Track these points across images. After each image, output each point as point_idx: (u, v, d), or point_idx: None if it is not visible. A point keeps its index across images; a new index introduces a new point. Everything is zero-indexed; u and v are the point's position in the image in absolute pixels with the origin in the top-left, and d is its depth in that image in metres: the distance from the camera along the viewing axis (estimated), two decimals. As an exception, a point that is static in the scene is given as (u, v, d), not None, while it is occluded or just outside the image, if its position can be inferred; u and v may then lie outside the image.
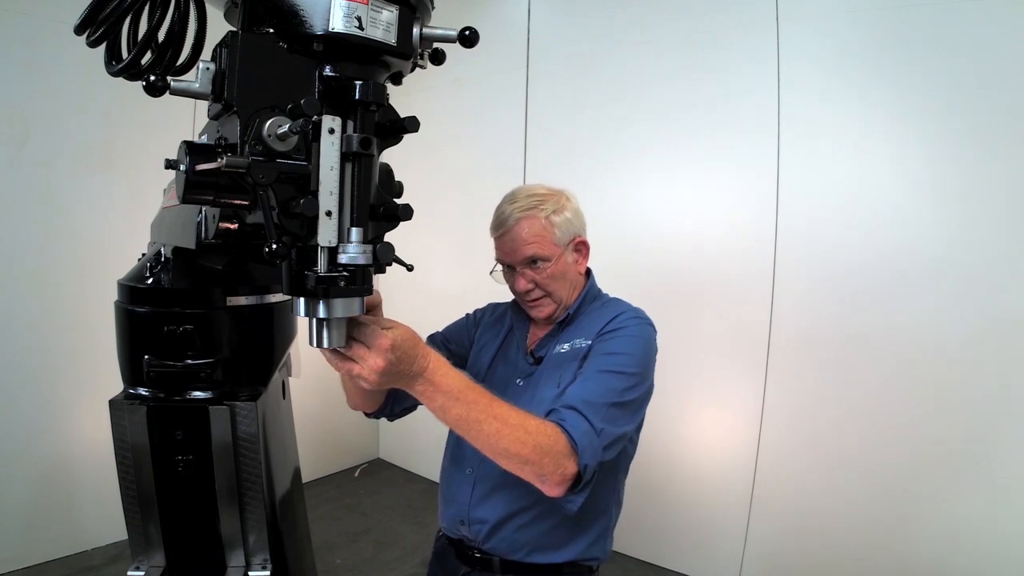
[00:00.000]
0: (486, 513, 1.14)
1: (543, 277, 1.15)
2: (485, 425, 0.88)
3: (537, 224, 1.14)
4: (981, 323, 1.84)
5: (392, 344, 0.78)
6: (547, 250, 1.14)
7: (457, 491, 1.19)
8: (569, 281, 1.18)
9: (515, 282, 1.17)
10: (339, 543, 2.76)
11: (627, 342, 1.09)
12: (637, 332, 1.11)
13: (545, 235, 1.14)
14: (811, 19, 2.14)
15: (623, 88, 2.59)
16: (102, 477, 1.83)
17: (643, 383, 1.07)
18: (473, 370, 1.24)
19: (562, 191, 1.21)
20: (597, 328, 1.12)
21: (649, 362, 1.10)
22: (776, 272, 2.20)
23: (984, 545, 1.83)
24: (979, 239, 1.84)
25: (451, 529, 1.21)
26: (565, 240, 1.16)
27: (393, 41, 0.71)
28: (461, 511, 1.17)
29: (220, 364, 0.97)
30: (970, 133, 1.85)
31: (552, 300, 1.17)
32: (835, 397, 2.11)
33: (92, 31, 0.76)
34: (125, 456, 0.96)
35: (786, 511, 2.23)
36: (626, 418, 1.03)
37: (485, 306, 1.40)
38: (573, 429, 0.94)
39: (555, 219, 1.15)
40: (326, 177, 0.67)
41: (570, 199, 1.21)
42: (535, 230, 1.14)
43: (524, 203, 1.16)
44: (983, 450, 1.84)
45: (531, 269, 1.15)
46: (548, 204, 1.16)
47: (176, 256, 1.01)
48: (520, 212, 1.15)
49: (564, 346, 1.15)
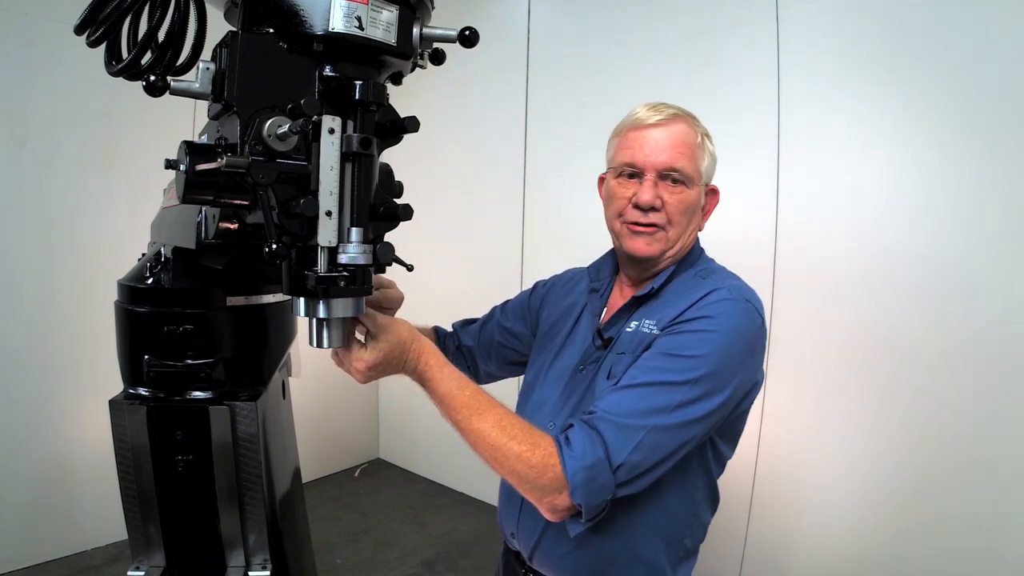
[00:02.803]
0: (529, 525, 0.97)
1: (677, 201, 0.91)
2: (466, 436, 0.82)
3: (692, 135, 0.93)
4: (983, 323, 1.84)
5: (372, 363, 0.78)
6: (693, 170, 0.92)
7: (509, 495, 1.04)
8: (693, 225, 0.96)
9: (640, 192, 0.92)
10: (339, 543, 2.76)
11: (700, 339, 0.83)
12: (723, 325, 0.84)
13: (697, 153, 0.93)
14: (811, 18, 2.14)
15: (623, 88, 2.59)
16: (102, 477, 1.83)
17: (715, 394, 0.82)
18: (543, 353, 1.07)
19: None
20: (678, 310, 0.88)
21: (733, 364, 0.84)
22: (776, 272, 2.20)
23: (985, 546, 1.83)
24: (980, 238, 1.84)
25: (507, 539, 1.09)
26: (707, 175, 0.96)
27: (393, 41, 0.71)
28: (510, 521, 1.04)
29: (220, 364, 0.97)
30: (971, 132, 1.84)
31: (667, 236, 0.93)
32: (835, 397, 2.11)
33: (92, 31, 0.76)
34: (125, 456, 0.96)
35: (786, 511, 2.23)
36: (677, 439, 0.82)
37: (546, 280, 1.19)
38: (572, 460, 0.78)
39: (707, 143, 0.96)
40: (326, 177, 0.67)
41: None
42: (691, 140, 0.92)
43: (678, 110, 0.95)
44: (985, 451, 1.83)
45: (667, 186, 0.92)
46: (703, 126, 0.97)
47: (176, 256, 1.01)
48: (681, 111, 0.95)
49: (632, 324, 0.93)
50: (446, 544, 2.72)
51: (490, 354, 1.20)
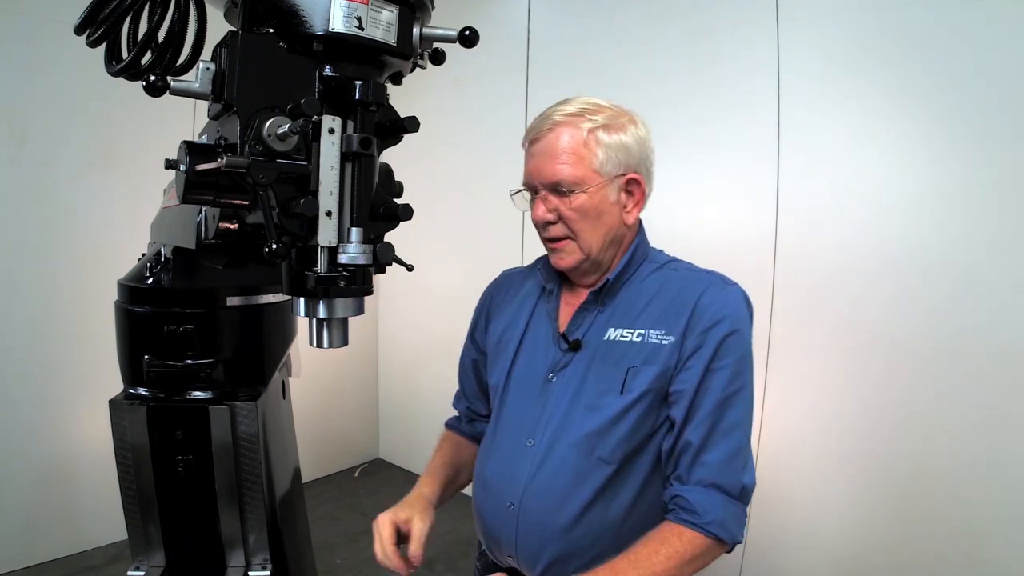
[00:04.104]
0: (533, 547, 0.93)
1: (569, 209, 0.88)
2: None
3: (577, 137, 0.87)
4: (983, 322, 1.83)
5: None
6: (581, 173, 0.87)
7: (495, 521, 1.01)
8: (605, 226, 0.90)
9: (534, 209, 0.91)
10: (339, 543, 2.76)
11: (743, 367, 0.88)
12: (748, 347, 0.88)
13: (583, 154, 0.87)
14: (811, 16, 2.13)
15: (623, 88, 2.59)
16: (102, 477, 1.83)
17: (751, 375, 0.90)
18: (497, 368, 1.02)
19: (631, 112, 0.94)
20: (679, 315, 0.87)
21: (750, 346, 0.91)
22: (776, 271, 2.20)
23: (986, 546, 1.83)
24: (981, 237, 1.84)
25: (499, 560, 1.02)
26: (611, 169, 0.88)
27: (393, 41, 0.71)
28: (507, 545, 0.98)
29: (220, 364, 0.97)
30: (972, 131, 1.84)
31: (578, 247, 0.90)
32: (836, 397, 2.11)
33: (92, 31, 0.76)
34: (125, 456, 0.96)
35: (786, 511, 2.23)
36: (749, 443, 0.90)
37: (493, 281, 1.15)
38: (710, 525, 0.80)
39: (603, 136, 0.88)
40: (326, 177, 0.67)
41: (637, 124, 0.93)
42: (571, 144, 0.87)
43: (572, 108, 0.90)
44: (985, 450, 1.83)
45: (557, 196, 0.89)
46: (601, 116, 0.89)
47: (176, 256, 1.01)
48: (562, 116, 0.89)
49: (626, 333, 0.89)
50: (446, 544, 2.71)
51: (486, 398, 1.15)
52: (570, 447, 0.89)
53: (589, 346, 0.92)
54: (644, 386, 0.87)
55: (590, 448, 0.88)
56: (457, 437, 1.16)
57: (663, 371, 0.87)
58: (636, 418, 0.88)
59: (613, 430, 0.88)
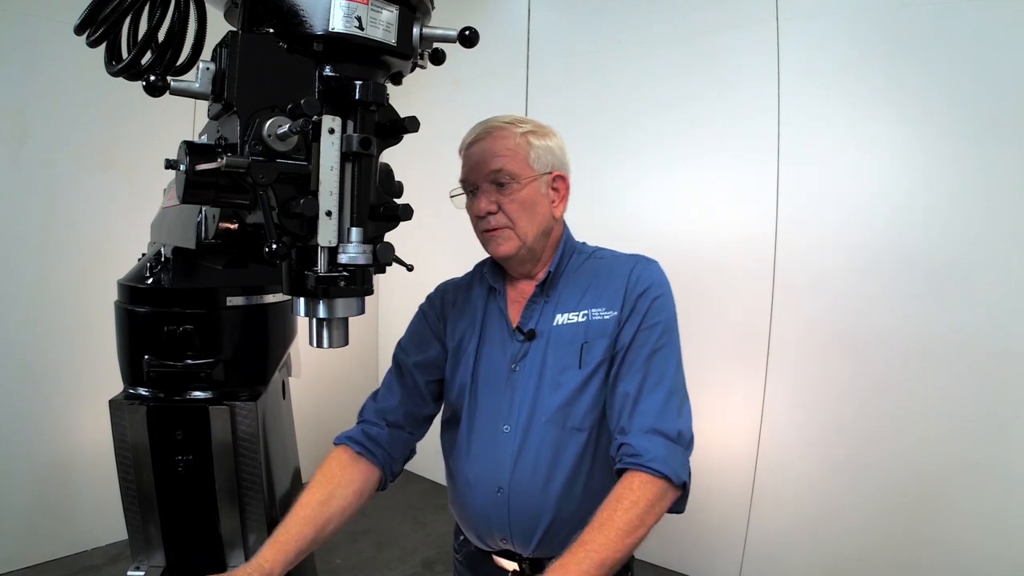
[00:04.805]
0: (528, 523, 1.00)
1: (509, 200, 1.00)
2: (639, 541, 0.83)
3: (512, 139, 1.01)
4: (984, 321, 1.84)
5: None
6: (518, 167, 1.00)
7: (486, 507, 1.06)
8: (539, 217, 1.02)
9: (476, 204, 1.02)
10: (339, 543, 2.76)
11: (671, 326, 0.99)
12: (665, 288, 1.02)
13: (519, 152, 1.01)
14: (811, 16, 2.14)
15: (623, 88, 2.59)
16: (102, 477, 1.83)
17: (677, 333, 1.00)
18: (460, 368, 1.08)
19: (549, 126, 1.09)
20: (616, 292, 1.00)
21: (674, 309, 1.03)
22: (776, 271, 2.20)
23: (986, 546, 1.83)
24: (981, 237, 1.84)
25: (492, 545, 1.07)
26: (541, 167, 1.02)
27: (393, 41, 0.71)
28: (500, 529, 1.04)
29: (220, 364, 0.97)
30: (972, 131, 1.85)
31: (516, 234, 1.01)
32: (836, 396, 2.11)
33: (92, 31, 0.76)
34: (125, 456, 0.96)
35: (786, 511, 2.23)
36: (683, 392, 0.96)
37: (434, 291, 1.21)
38: (653, 462, 0.86)
39: (533, 140, 1.02)
40: (326, 177, 0.67)
41: (557, 136, 1.08)
42: (508, 144, 1.01)
43: (505, 119, 1.05)
44: (986, 450, 1.84)
45: (496, 191, 1.01)
46: (529, 125, 1.05)
47: (176, 256, 1.01)
48: (498, 123, 1.04)
49: (572, 316, 1.01)
50: (446, 544, 2.71)
51: (424, 398, 1.12)
52: (545, 425, 0.98)
53: (543, 334, 1.02)
54: (599, 357, 0.97)
55: (563, 420, 0.98)
56: (347, 458, 1.09)
57: (611, 342, 0.98)
58: (598, 386, 0.98)
59: (579, 400, 0.98)
